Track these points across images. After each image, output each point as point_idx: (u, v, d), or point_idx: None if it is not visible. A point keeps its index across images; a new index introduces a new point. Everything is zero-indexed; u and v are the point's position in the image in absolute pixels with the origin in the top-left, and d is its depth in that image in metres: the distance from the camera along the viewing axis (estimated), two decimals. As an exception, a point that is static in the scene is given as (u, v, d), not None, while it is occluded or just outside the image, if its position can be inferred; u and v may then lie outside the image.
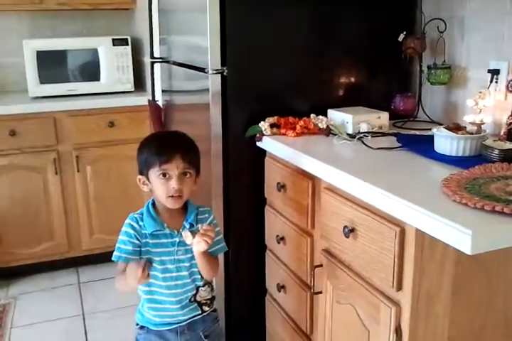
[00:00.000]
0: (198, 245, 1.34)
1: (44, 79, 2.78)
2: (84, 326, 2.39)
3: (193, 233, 1.34)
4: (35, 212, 2.73)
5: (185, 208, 1.43)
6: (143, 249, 1.40)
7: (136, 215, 1.43)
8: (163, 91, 2.52)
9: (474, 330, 1.20)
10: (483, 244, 0.96)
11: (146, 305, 1.47)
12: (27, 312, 2.50)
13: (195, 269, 1.43)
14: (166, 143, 1.40)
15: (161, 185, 1.36)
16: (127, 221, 1.43)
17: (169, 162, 1.34)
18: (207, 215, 1.46)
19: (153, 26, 2.50)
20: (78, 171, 2.75)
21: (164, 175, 1.35)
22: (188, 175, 1.37)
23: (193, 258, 1.41)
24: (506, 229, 0.98)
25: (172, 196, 1.36)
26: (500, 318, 1.21)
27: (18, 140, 2.61)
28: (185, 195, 1.39)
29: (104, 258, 2.81)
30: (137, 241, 1.39)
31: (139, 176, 1.43)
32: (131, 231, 1.40)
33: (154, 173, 1.36)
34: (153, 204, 1.44)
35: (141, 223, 1.41)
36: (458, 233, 0.95)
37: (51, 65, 2.81)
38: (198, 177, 1.42)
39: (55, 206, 2.75)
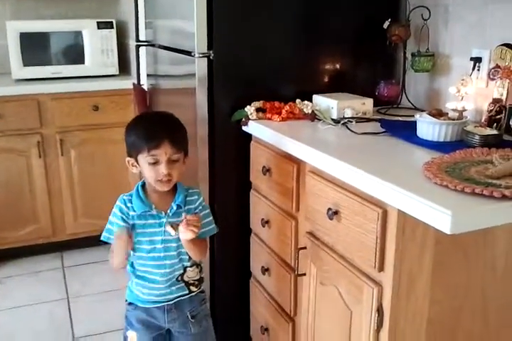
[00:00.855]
0: (184, 235, 1.37)
1: (28, 61, 2.75)
2: (69, 309, 2.41)
3: (176, 225, 1.37)
4: (19, 196, 2.72)
5: (174, 189, 1.45)
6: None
7: (125, 197, 1.45)
8: (148, 75, 2.51)
9: (453, 311, 1.23)
10: (462, 224, 0.99)
11: (135, 282, 1.49)
12: (11, 296, 2.50)
13: (182, 250, 1.45)
14: (154, 128, 1.39)
15: (151, 170, 1.37)
16: (117, 202, 1.45)
17: (158, 148, 1.35)
18: (196, 197, 1.48)
19: (139, 9, 2.48)
20: (62, 155, 2.74)
21: (153, 160, 1.36)
22: (177, 159, 1.39)
23: (180, 239, 1.43)
24: (485, 210, 1.01)
25: (161, 180, 1.38)
26: (478, 299, 1.25)
27: (1, 123, 2.59)
28: (175, 178, 1.40)
29: (88, 242, 2.83)
30: (124, 223, 1.41)
31: (128, 158, 1.43)
32: (119, 213, 1.43)
33: (143, 158, 1.37)
34: (143, 185, 1.45)
35: (129, 204, 1.43)
36: (438, 213, 0.98)
37: (35, 47, 2.78)
38: (186, 158, 1.44)
39: (39, 190, 2.75)
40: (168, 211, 1.43)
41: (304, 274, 1.51)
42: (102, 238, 1.45)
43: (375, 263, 1.19)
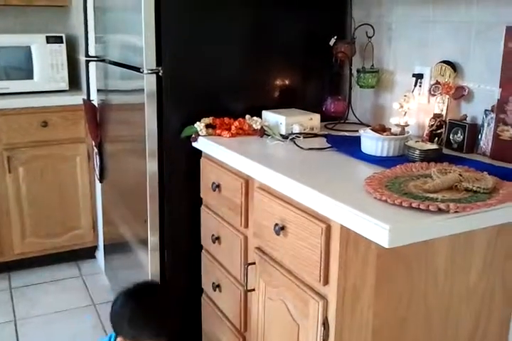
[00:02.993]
0: None
1: (-26, 76, 2.68)
2: (16, 332, 2.32)
3: None
4: (-36, 215, 2.63)
5: None
6: None
7: None
8: (98, 90, 2.49)
9: (397, 321, 1.26)
10: (399, 238, 1.01)
11: None
12: (-45, 320, 2.40)
13: None
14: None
15: None
16: None
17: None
18: None
19: (89, 24, 2.47)
20: (10, 172, 2.67)
21: None
22: None
23: None
24: (422, 223, 1.04)
25: None
26: (421, 310, 1.28)
27: None
28: None
29: (37, 262, 2.75)
30: None
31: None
32: None
33: None
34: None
35: None
36: (377, 228, 1.00)
37: (-19, 62, 2.72)
38: None
39: (-15, 208, 2.66)
40: None
41: (253, 289, 1.51)
42: None
43: (320, 277, 1.20)
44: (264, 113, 1.82)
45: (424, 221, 1.03)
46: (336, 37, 1.90)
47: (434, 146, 1.42)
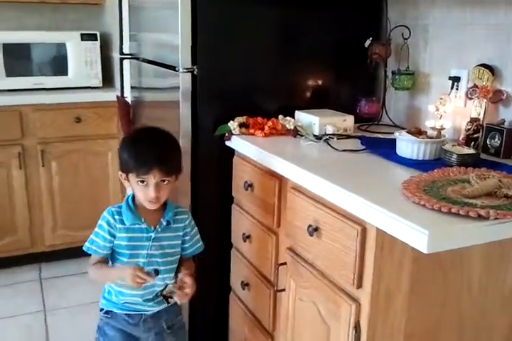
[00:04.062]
0: (182, 299, 1.43)
1: (10, 72, 2.73)
2: (46, 322, 2.38)
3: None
4: (-2, 207, 2.69)
5: (163, 205, 1.46)
6: (115, 242, 1.42)
7: (113, 209, 1.45)
8: (132, 87, 2.52)
9: (430, 327, 1.25)
10: (439, 244, 1.01)
11: (114, 289, 1.48)
12: (-14, 308, 2.46)
13: (167, 267, 1.46)
14: (145, 154, 1.38)
15: (140, 190, 1.39)
16: (104, 214, 1.45)
17: (146, 174, 1.36)
18: (185, 216, 1.51)
19: (123, 22, 2.50)
20: (43, 166, 2.72)
21: (142, 181, 1.37)
22: (166, 182, 1.39)
23: (166, 255, 1.45)
24: (461, 229, 1.03)
25: (150, 200, 1.39)
26: (454, 315, 1.27)
27: (-18, 133, 2.57)
28: (163, 198, 1.42)
29: (67, 254, 2.80)
30: (109, 237, 1.42)
31: (120, 172, 1.44)
32: (105, 226, 1.42)
33: (133, 178, 1.39)
34: (133, 197, 1.46)
35: (117, 217, 1.43)
36: (416, 233, 1.00)
37: (18, 57, 2.77)
38: (179, 175, 1.45)
39: (19, 201, 2.71)
40: (158, 226, 1.44)
41: (284, 290, 1.52)
42: (83, 248, 1.44)
43: (354, 280, 1.20)
44: (298, 113, 1.82)
45: (464, 227, 1.02)
46: (371, 38, 1.89)
47: (472, 151, 1.40)
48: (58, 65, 2.84)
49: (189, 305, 1.93)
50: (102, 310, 1.53)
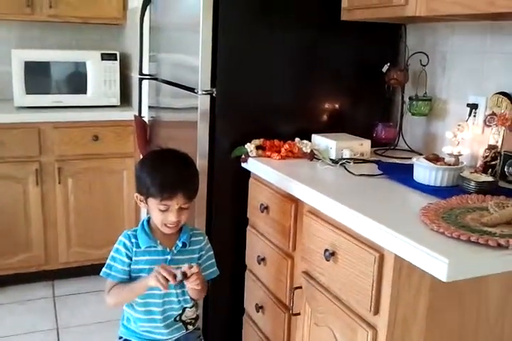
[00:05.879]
0: (192, 292, 1.42)
1: (30, 89, 2.78)
2: (58, 340, 2.37)
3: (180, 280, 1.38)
4: (14, 223, 2.71)
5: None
6: (133, 267, 1.42)
7: (129, 232, 1.44)
8: (149, 107, 2.56)
9: (446, 355, 1.24)
10: (458, 272, 1.00)
11: (133, 317, 1.47)
12: (0, 325, 2.46)
13: (184, 289, 1.45)
14: (170, 178, 1.37)
15: (159, 214, 1.38)
16: (120, 238, 1.44)
17: (171, 199, 1.36)
18: (201, 238, 1.50)
19: (144, 43, 2.54)
20: (59, 183, 2.75)
21: (164, 208, 1.37)
22: (187, 207, 1.40)
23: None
24: (480, 258, 1.03)
25: (168, 225, 1.39)
26: (471, 344, 1.26)
27: (1, 149, 2.60)
28: (182, 223, 1.42)
29: (80, 272, 2.81)
30: (127, 260, 1.41)
31: (137, 194, 1.43)
32: (123, 250, 1.42)
33: (153, 203, 1.38)
34: (149, 220, 1.46)
35: (133, 240, 1.42)
36: (435, 261, 1.00)
37: (38, 75, 2.82)
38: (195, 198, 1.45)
39: (34, 217, 2.74)
40: (174, 248, 1.43)
41: (299, 314, 1.51)
42: (101, 274, 1.43)
43: (371, 306, 1.19)
44: (314, 136, 1.83)
45: (484, 256, 1.02)
46: (389, 64, 1.91)
47: (490, 179, 1.40)
48: (78, 83, 2.89)
49: (203, 326, 1.92)
50: (120, 338, 1.52)
